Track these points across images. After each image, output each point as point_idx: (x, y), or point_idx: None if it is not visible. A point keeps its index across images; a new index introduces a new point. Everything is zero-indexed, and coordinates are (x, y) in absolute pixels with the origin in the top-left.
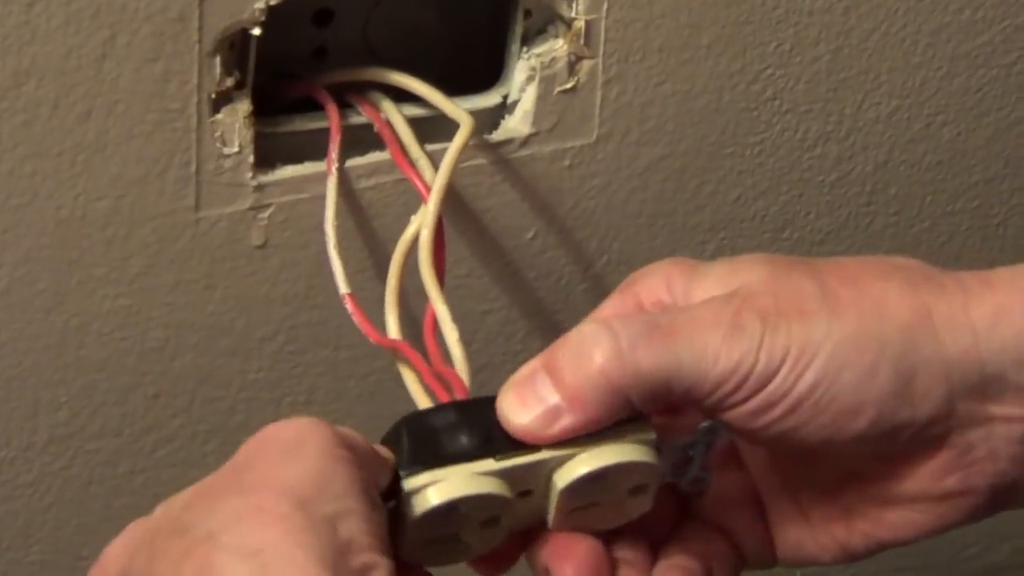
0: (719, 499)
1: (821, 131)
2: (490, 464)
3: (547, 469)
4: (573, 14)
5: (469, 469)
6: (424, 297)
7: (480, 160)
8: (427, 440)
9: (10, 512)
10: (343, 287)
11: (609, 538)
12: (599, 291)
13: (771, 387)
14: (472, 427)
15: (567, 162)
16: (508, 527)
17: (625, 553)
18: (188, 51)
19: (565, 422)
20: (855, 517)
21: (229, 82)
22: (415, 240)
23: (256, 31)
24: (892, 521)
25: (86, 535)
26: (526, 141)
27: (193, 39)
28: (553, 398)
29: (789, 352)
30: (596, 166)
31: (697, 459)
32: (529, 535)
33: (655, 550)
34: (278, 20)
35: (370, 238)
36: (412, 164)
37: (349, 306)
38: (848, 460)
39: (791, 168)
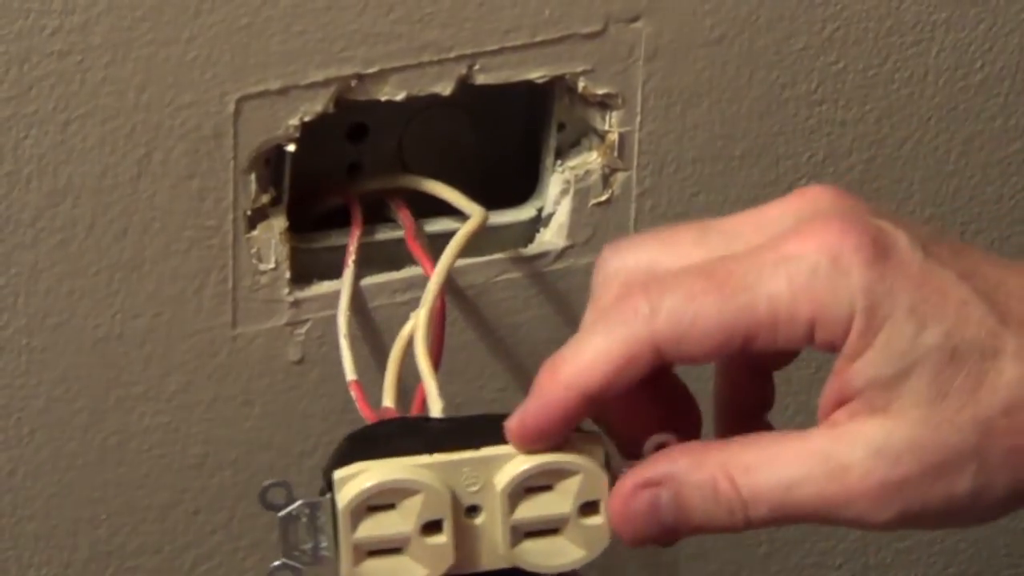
0: None
1: None
2: (424, 458)
3: (487, 472)
4: (607, 127)
5: (401, 461)
6: None
7: (515, 274)
8: (364, 443)
9: None
10: (350, 374)
11: None
12: None
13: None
14: (414, 433)
15: None
16: (456, 546)
17: None
18: (223, 168)
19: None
20: None
21: (264, 199)
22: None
23: (291, 147)
24: None
25: None
26: (561, 254)
27: (228, 156)
28: None
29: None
30: None
31: None
32: None
33: None
34: (313, 136)
35: (386, 340)
36: (422, 248)
37: (354, 392)
38: None
39: None
